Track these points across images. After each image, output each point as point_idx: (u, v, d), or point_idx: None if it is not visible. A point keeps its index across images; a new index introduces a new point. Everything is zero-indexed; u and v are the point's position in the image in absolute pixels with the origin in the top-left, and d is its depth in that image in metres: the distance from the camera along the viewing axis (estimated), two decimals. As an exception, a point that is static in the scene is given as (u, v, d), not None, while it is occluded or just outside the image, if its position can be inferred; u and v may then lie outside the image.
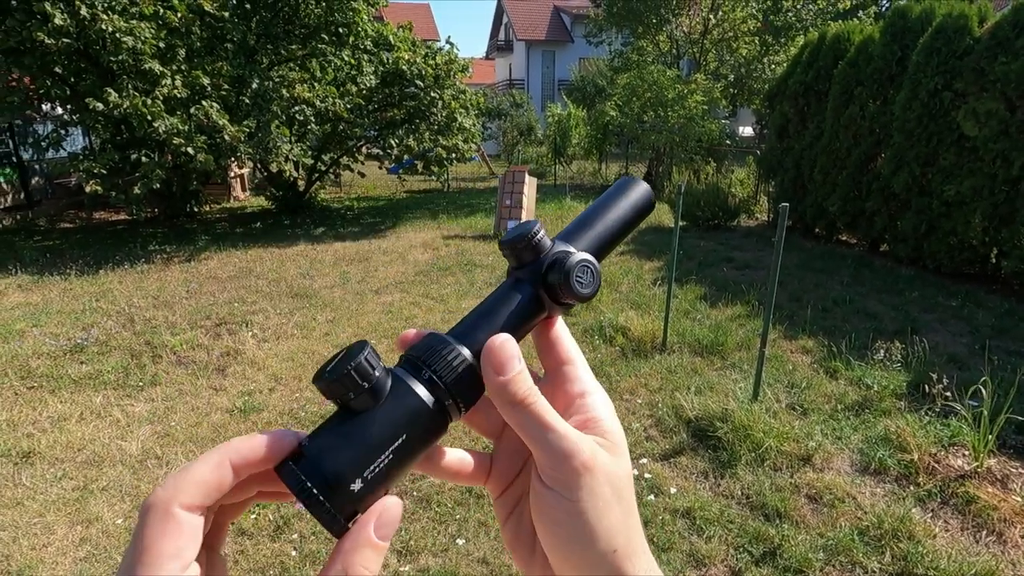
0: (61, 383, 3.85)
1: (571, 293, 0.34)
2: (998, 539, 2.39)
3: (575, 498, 0.30)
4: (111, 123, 7.21)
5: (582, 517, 0.30)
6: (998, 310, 4.97)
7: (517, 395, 0.31)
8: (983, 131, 5.24)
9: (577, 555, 0.30)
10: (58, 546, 2.42)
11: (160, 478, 2.86)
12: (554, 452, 0.30)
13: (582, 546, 0.30)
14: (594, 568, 0.30)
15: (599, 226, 0.38)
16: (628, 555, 0.30)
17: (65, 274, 6.39)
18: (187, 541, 0.27)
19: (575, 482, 0.30)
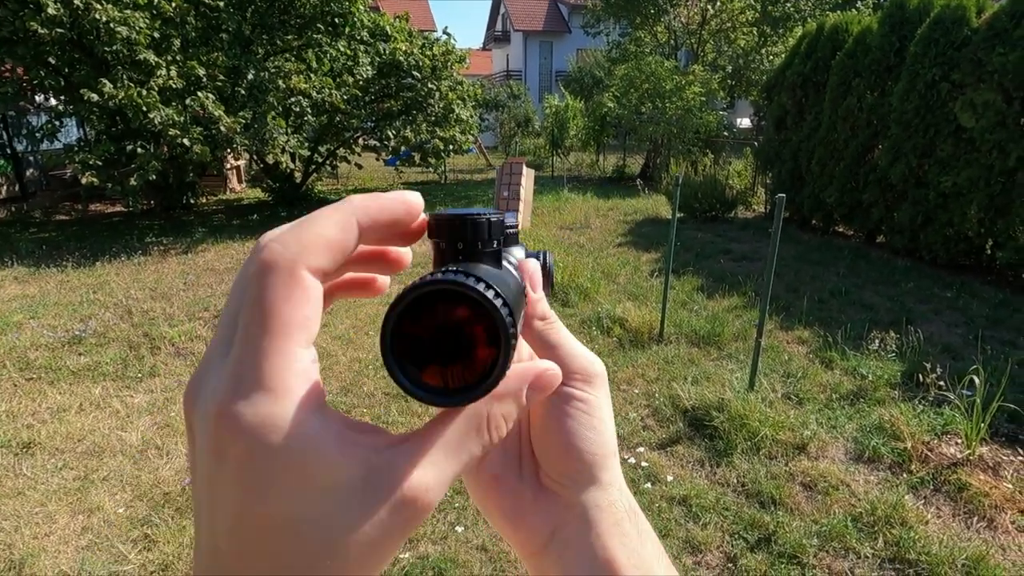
0: (60, 374, 3.85)
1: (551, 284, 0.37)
2: (989, 525, 2.43)
3: (599, 394, 0.32)
4: (106, 114, 7.16)
5: (604, 412, 0.32)
6: (992, 301, 5.01)
7: (548, 312, 0.34)
8: (980, 122, 5.25)
9: (598, 447, 0.32)
10: (60, 535, 2.44)
11: (160, 468, 2.88)
12: (580, 356, 0.33)
13: (603, 439, 0.32)
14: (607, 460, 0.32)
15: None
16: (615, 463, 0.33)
17: (62, 266, 6.37)
18: (313, 310, 0.23)
19: (597, 382, 0.33)
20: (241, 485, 0.22)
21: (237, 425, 0.21)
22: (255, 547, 0.22)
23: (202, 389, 0.23)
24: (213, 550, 0.22)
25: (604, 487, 0.32)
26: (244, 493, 0.22)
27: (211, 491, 0.22)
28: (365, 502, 0.22)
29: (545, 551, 0.32)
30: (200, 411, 0.23)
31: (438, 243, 0.28)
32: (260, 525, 0.22)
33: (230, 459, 0.22)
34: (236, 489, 0.22)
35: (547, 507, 0.32)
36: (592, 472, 0.32)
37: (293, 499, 0.21)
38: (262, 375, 0.22)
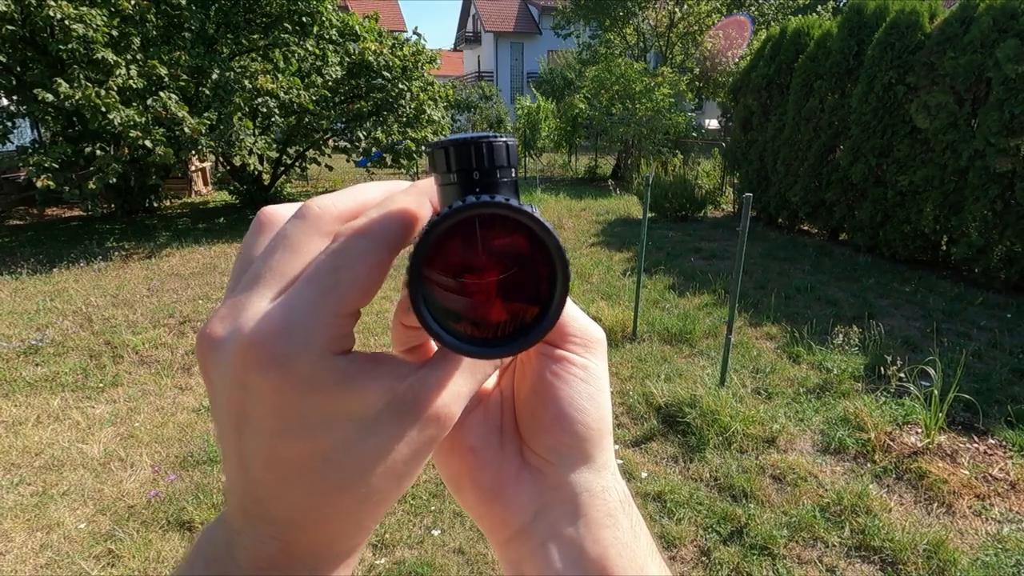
0: (15, 386, 3.69)
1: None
2: (948, 510, 2.52)
3: (597, 362, 0.30)
4: (62, 115, 6.90)
5: (599, 379, 0.30)
6: (948, 294, 5.21)
7: None
8: (934, 123, 5.46)
9: (593, 416, 0.29)
10: (16, 553, 2.34)
11: (124, 480, 2.79)
12: (578, 321, 0.31)
13: (600, 411, 0.30)
14: (602, 435, 0.30)
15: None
16: (609, 443, 0.31)
17: (16, 273, 6.11)
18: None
19: (597, 348, 0.31)
20: (273, 417, 0.23)
21: (267, 359, 0.22)
22: (291, 475, 0.23)
23: (224, 330, 0.24)
24: (249, 482, 0.24)
25: (597, 469, 0.29)
26: (276, 424, 0.23)
27: (241, 425, 0.23)
28: (392, 427, 0.24)
29: (523, 536, 0.29)
30: (224, 351, 0.23)
31: (447, 175, 0.24)
32: (294, 455, 0.23)
33: (261, 392, 0.22)
34: (269, 421, 0.23)
35: (530, 485, 0.29)
36: (585, 449, 0.29)
37: (324, 428, 0.23)
38: (290, 307, 0.23)
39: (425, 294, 0.23)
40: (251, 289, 0.24)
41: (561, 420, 0.29)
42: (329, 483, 0.23)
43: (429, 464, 1.16)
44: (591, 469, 0.29)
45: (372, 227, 0.25)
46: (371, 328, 4.67)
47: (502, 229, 0.21)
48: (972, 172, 5.20)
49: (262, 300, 0.23)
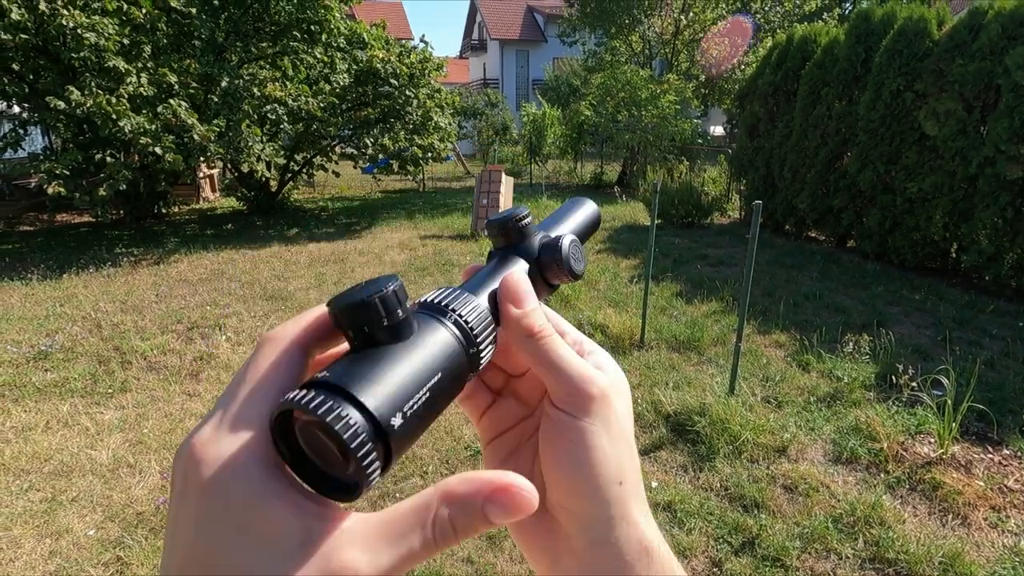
0: (25, 392, 3.71)
1: (568, 270, 0.35)
2: (963, 522, 2.49)
3: (589, 420, 0.29)
4: (73, 122, 6.96)
5: (595, 440, 0.29)
6: (959, 302, 5.17)
7: (534, 327, 0.31)
8: (943, 130, 5.44)
9: (589, 480, 0.29)
10: (26, 560, 2.34)
11: (133, 487, 2.79)
12: (570, 378, 0.30)
13: (594, 471, 0.29)
14: (604, 496, 0.29)
15: (571, 222, 0.40)
16: (633, 494, 0.30)
17: (26, 279, 6.15)
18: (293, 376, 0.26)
19: (589, 406, 0.30)
20: (195, 520, 0.23)
21: (198, 462, 0.23)
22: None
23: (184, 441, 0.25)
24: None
25: (607, 522, 0.29)
26: (196, 528, 0.23)
27: (172, 524, 0.24)
28: (298, 565, 0.22)
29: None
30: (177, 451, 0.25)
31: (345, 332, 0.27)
32: (206, 563, 0.22)
33: (189, 494, 0.23)
34: (190, 524, 0.23)
35: (549, 532, 0.31)
36: (585, 508, 0.29)
37: (235, 543, 0.22)
38: (230, 420, 0.24)
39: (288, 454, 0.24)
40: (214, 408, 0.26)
41: (559, 481, 0.30)
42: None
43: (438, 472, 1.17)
44: (599, 522, 0.29)
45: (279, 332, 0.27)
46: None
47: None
48: (982, 179, 5.16)
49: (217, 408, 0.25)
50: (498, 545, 2.41)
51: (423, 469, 2.88)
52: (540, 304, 0.33)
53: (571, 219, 0.40)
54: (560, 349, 0.31)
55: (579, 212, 0.41)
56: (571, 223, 0.40)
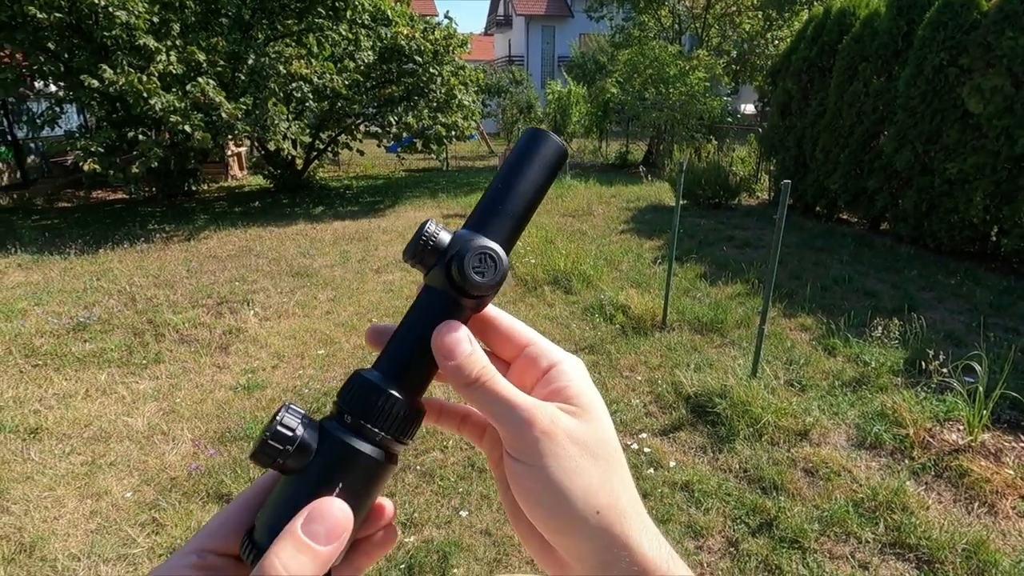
0: (65, 361, 3.88)
1: (472, 285, 0.32)
2: (990, 510, 2.44)
3: (541, 464, 0.29)
4: (107, 100, 7.12)
5: (551, 482, 0.29)
6: (997, 288, 4.99)
7: (471, 375, 0.31)
8: (988, 108, 5.19)
9: (558, 519, 0.29)
10: (69, 519, 2.47)
11: (167, 453, 2.91)
12: (513, 424, 0.30)
13: (560, 510, 0.29)
14: (581, 531, 0.29)
15: (510, 202, 0.35)
16: (618, 516, 0.29)
17: (65, 253, 6.38)
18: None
19: (537, 449, 0.29)
20: None
21: None
22: None
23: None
24: None
25: (594, 554, 0.29)
26: None
27: None
28: None
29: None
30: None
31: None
32: None
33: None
34: None
35: (550, 555, 0.32)
36: (570, 544, 0.30)
37: None
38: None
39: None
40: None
41: (536, 523, 0.31)
42: None
43: (458, 446, 1.19)
44: (590, 554, 0.29)
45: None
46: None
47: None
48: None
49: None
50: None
51: (443, 444, 2.94)
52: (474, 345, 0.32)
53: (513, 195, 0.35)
54: (500, 392, 0.31)
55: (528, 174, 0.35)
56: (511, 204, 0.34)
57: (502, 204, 0.34)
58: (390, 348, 0.34)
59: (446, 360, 0.31)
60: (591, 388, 0.33)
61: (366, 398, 0.31)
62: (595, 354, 3.91)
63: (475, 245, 0.32)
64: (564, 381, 0.33)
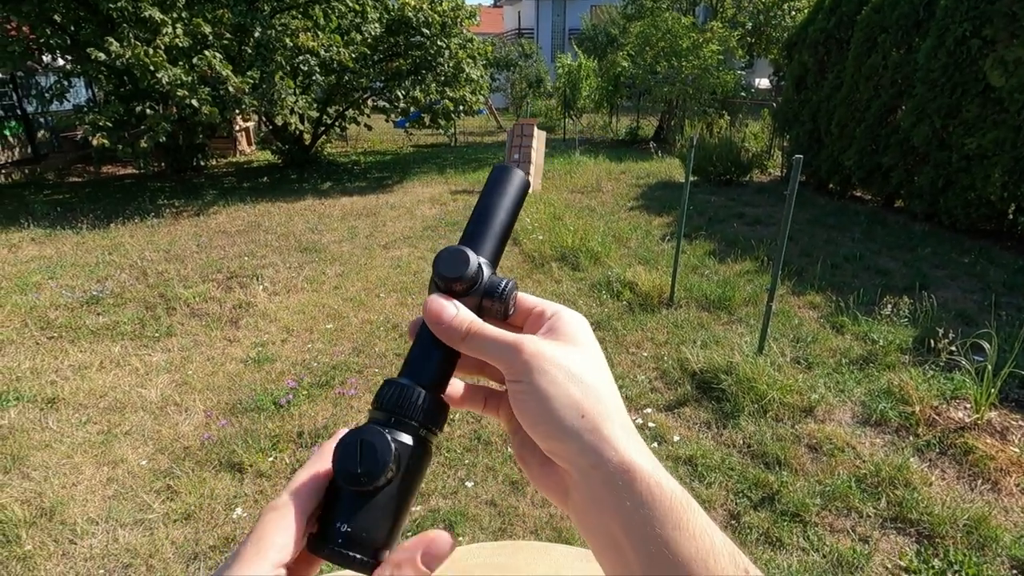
0: (80, 333, 3.95)
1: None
2: (993, 487, 2.45)
3: (531, 380, 0.34)
4: (114, 74, 7.10)
5: (540, 392, 0.33)
6: (1012, 267, 4.92)
7: (462, 329, 0.36)
8: (1010, 81, 5.04)
9: (548, 424, 0.33)
10: (87, 485, 2.55)
11: (180, 423, 2.98)
12: (506, 355, 0.35)
13: (549, 415, 0.33)
14: (569, 432, 0.33)
15: (496, 227, 0.41)
16: (602, 418, 0.33)
17: (77, 228, 6.44)
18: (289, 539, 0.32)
19: (527, 368, 0.34)
20: None
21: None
22: None
23: None
24: None
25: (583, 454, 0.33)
26: None
27: None
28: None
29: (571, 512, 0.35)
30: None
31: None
32: None
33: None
34: None
35: (554, 475, 0.35)
36: (561, 447, 0.33)
37: None
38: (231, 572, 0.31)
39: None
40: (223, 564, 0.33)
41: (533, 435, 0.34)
42: None
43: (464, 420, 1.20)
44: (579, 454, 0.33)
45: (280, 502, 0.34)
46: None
47: None
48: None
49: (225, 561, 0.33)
50: (520, 490, 2.50)
51: (449, 418, 2.98)
52: (459, 307, 0.37)
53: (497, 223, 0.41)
54: (488, 335, 0.36)
55: (504, 206, 0.41)
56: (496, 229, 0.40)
57: (484, 225, 0.40)
58: (410, 355, 0.39)
59: (437, 325, 0.36)
60: (584, 327, 0.38)
61: (400, 396, 0.36)
62: (602, 330, 3.92)
63: (509, 283, 0.39)
64: (559, 323, 0.38)
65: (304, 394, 3.21)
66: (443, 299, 0.37)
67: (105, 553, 2.19)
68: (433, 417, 0.36)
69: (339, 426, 2.91)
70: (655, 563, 0.30)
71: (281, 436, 2.83)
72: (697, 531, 0.30)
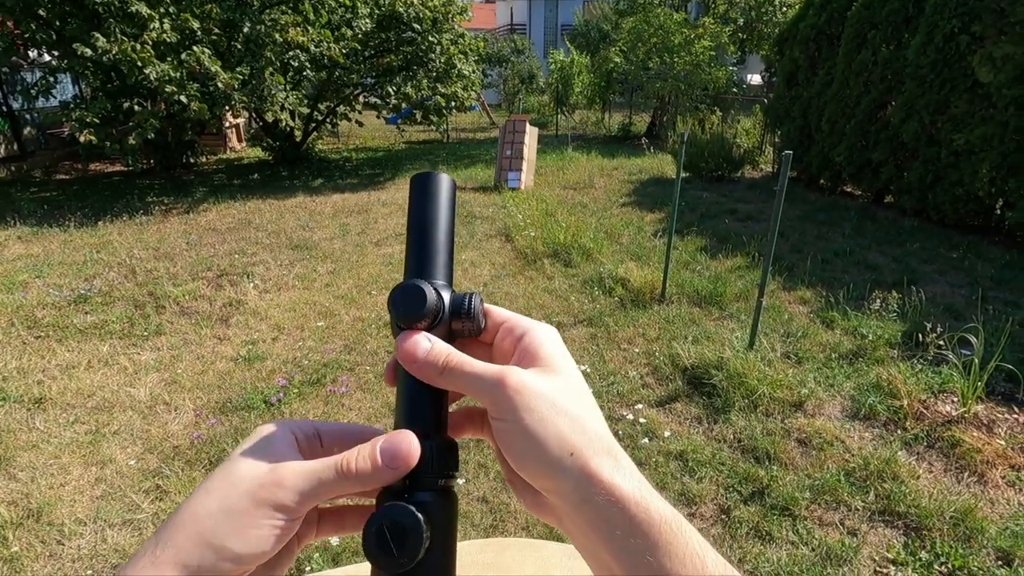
0: (67, 332, 3.91)
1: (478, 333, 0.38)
2: (979, 480, 2.48)
3: (516, 418, 0.33)
4: (101, 70, 7.00)
5: (527, 432, 0.33)
6: (999, 261, 4.97)
7: (438, 365, 0.35)
8: (998, 77, 5.08)
9: (538, 464, 0.33)
10: (75, 485, 2.53)
11: (169, 423, 2.95)
12: (488, 391, 0.34)
13: (538, 455, 0.33)
14: (559, 471, 0.32)
15: (438, 243, 0.39)
16: (591, 455, 0.33)
17: (64, 226, 6.37)
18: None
19: (512, 406, 0.33)
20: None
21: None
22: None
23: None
24: None
25: (574, 492, 0.32)
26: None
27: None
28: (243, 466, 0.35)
29: (565, 533, 0.35)
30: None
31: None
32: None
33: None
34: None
35: (547, 505, 0.35)
36: (552, 485, 0.33)
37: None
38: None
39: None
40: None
41: (522, 473, 0.34)
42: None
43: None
44: (571, 492, 0.33)
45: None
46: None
47: None
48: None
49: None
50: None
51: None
52: (433, 340, 0.35)
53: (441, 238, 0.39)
54: (467, 368, 0.34)
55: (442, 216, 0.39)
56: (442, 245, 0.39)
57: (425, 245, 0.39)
58: (400, 404, 0.37)
59: (411, 363, 0.35)
60: (560, 349, 0.37)
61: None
62: (593, 327, 3.92)
63: (476, 299, 0.38)
64: (534, 346, 0.37)
65: (295, 392, 3.20)
66: (412, 334, 0.35)
67: (93, 554, 2.17)
68: (447, 463, 0.35)
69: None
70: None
71: (272, 435, 2.82)
72: (688, 555, 0.31)
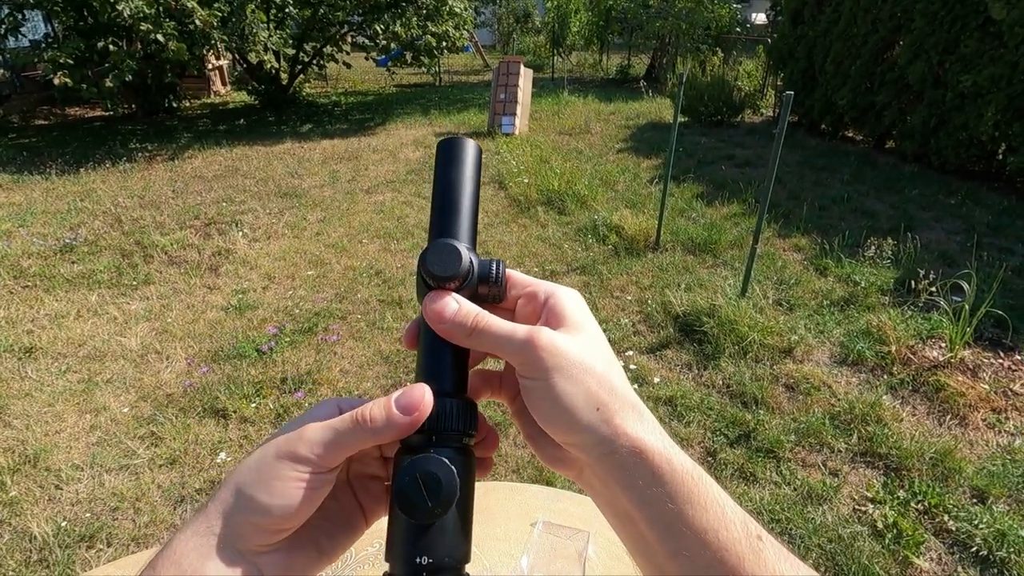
0: (55, 282, 3.86)
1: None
2: (960, 422, 2.53)
3: (548, 378, 0.34)
4: (71, 6, 6.64)
5: (557, 390, 0.34)
6: (997, 208, 4.92)
7: (467, 325, 0.35)
8: (1012, 13, 4.87)
9: (567, 422, 0.34)
10: (70, 432, 2.55)
11: (162, 371, 2.96)
12: (518, 350, 0.35)
13: (568, 413, 0.34)
14: (586, 427, 0.34)
15: (466, 208, 0.39)
16: (617, 408, 0.34)
17: (46, 173, 6.20)
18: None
19: (544, 367, 0.34)
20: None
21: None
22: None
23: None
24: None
25: (598, 445, 0.34)
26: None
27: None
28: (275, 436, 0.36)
29: (584, 487, 0.37)
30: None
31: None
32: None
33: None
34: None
35: (568, 459, 0.37)
36: (578, 440, 0.34)
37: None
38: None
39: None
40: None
41: (549, 430, 0.35)
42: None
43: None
44: (595, 445, 0.34)
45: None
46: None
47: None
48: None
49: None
50: (503, 431, 2.53)
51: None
52: (460, 301, 0.36)
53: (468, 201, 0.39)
54: (497, 329, 0.35)
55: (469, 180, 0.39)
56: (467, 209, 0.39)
57: (454, 209, 0.39)
58: (422, 362, 0.37)
59: (440, 324, 0.36)
60: (583, 309, 0.38)
61: (437, 415, 0.35)
62: (587, 275, 3.90)
63: (500, 265, 0.38)
64: (560, 307, 0.37)
65: (287, 341, 3.20)
66: (442, 295, 0.36)
67: (92, 497, 2.21)
68: (469, 422, 0.36)
69: (322, 372, 2.92)
70: (669, 536, 0.32)
71: (264, 383, 2.84)
72: (709, 503, 0.32)
